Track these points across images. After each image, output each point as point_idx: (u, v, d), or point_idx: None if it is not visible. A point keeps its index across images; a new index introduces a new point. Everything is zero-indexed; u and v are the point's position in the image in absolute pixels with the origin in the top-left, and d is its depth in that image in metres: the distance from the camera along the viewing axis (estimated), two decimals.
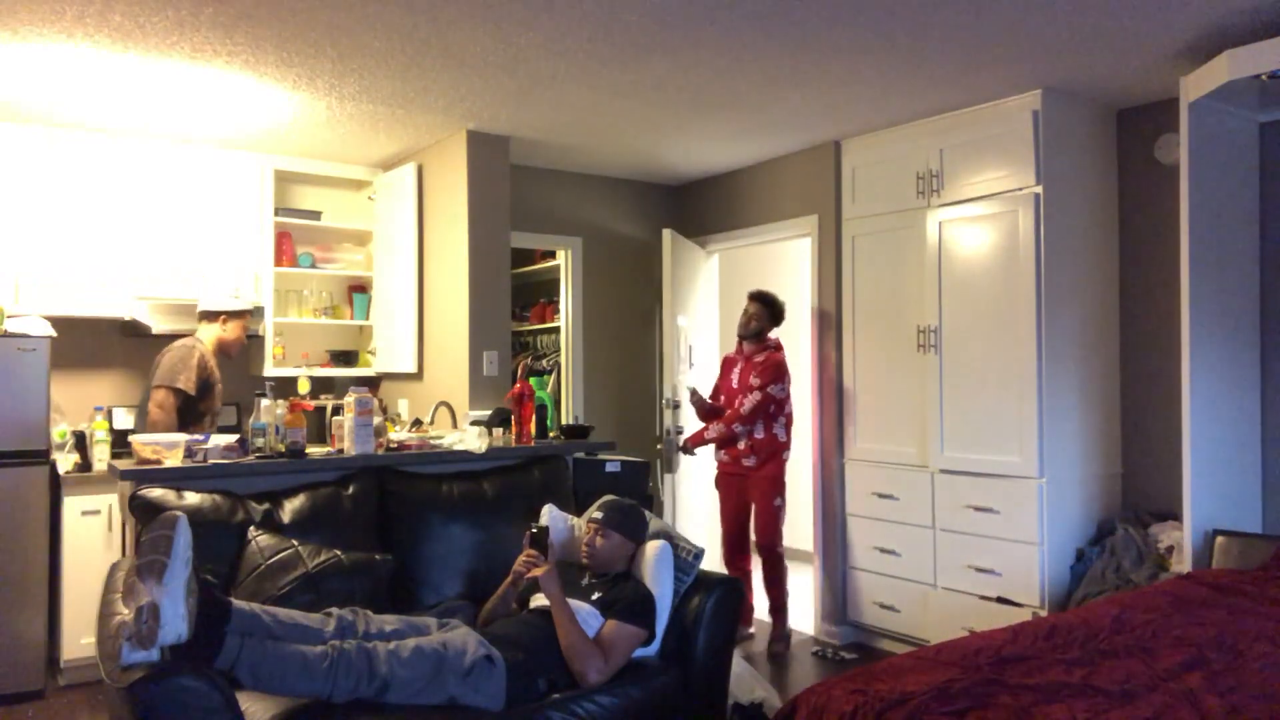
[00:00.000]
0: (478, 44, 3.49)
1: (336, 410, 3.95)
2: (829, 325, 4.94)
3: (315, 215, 5.28)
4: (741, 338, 4.82)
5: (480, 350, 4.65)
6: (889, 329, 4.63)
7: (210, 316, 4.25)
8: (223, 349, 4.27)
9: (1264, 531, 3.84)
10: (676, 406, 5.28)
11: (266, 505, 3.04)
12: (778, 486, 4.71)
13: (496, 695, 2.53)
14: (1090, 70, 3.80)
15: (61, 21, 3.23)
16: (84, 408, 4.72)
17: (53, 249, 4.46)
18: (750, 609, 4.93)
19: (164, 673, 2.11)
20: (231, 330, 4.26)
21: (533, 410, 4.01)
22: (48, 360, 4.12)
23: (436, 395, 4.64)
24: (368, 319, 5.45)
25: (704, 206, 5.88)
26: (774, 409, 4.68)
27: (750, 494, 4.75)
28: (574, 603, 2.82)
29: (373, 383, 5.40)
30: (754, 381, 4.64)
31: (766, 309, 4.79)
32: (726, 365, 4.95)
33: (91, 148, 4.56)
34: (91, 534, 4.18)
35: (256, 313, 4.72)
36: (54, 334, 4.21)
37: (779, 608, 4.72)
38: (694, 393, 4.87)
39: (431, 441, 3.71)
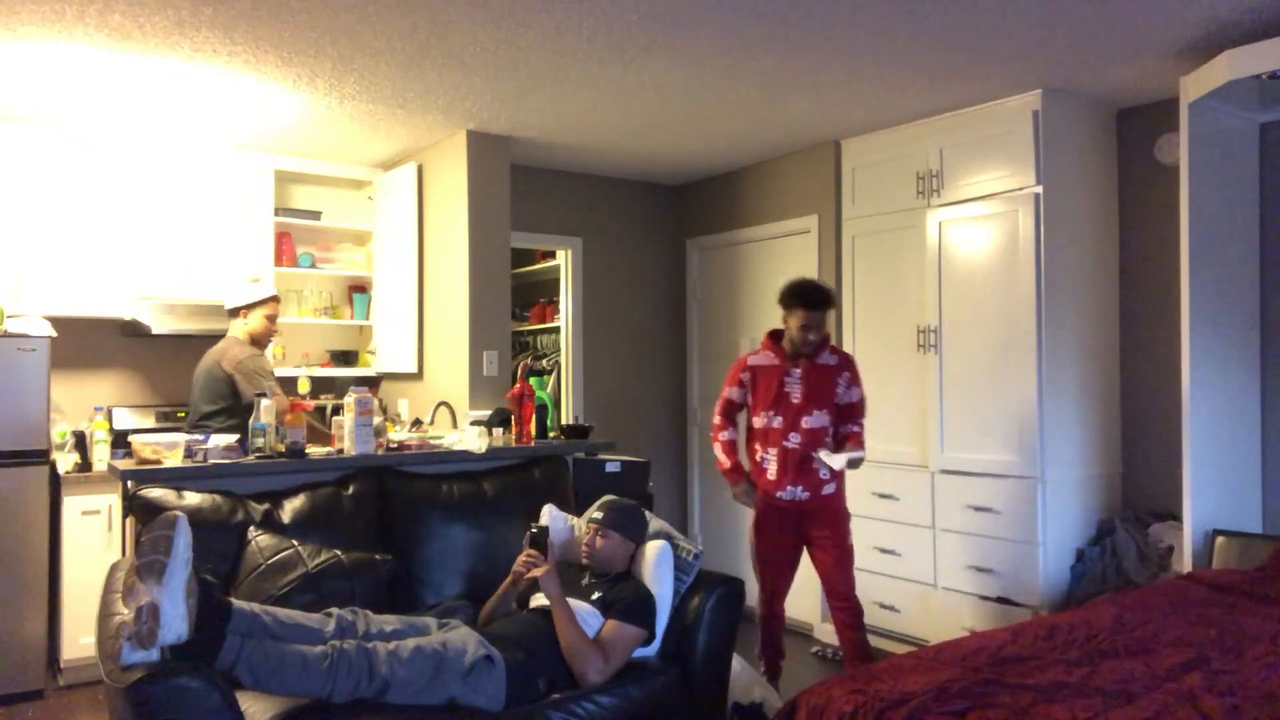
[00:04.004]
0: (478, 44, 3.49)
1: (336, 410, 3.94)
2: (829, 325, 4.93)
3: (315, 215, 5.28)
4: (801, 356, 3.76)
5: (480, 350, 4.65)
6: (889, 329, 4.63)
7: (233, 313, 4.20)
8: (254, 341, 4.18)
9: (1264, 531, 3.84)
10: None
11: (266, 505, 3.04)
12: (848, 518, 3.85)
13: (496, 695, 2.53)
14: (1090, 70, 3.80)
15: (61, 21, 3.23)
16: (84, 408, 4.72)
17: (53, 249, 4.45)
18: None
19: (164, 673, 2.11)
20: (254, 322, 4.17)
21: (533, 410, 4.01)
22: (48, 360, 4.12)
23: (436, 395, 4.64)
24: (368, 319, 5.45)
25: (704, 206, 5.88)
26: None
27: (818, 530, 3.75)
28: (574, 603, 2.82)
29: (373, 383, 5.40)
30: (855, 393, 3.82)
31: (833, 308, 3.84)
32: (762, 377, 3.80)
33: (91, 147, 4.55)
34: (91, 534, 4.18)
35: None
36: (54, 334, 4.21)
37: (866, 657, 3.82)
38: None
39: (431, 441, 3.71)
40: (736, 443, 3.91)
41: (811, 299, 3.70)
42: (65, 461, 4.26)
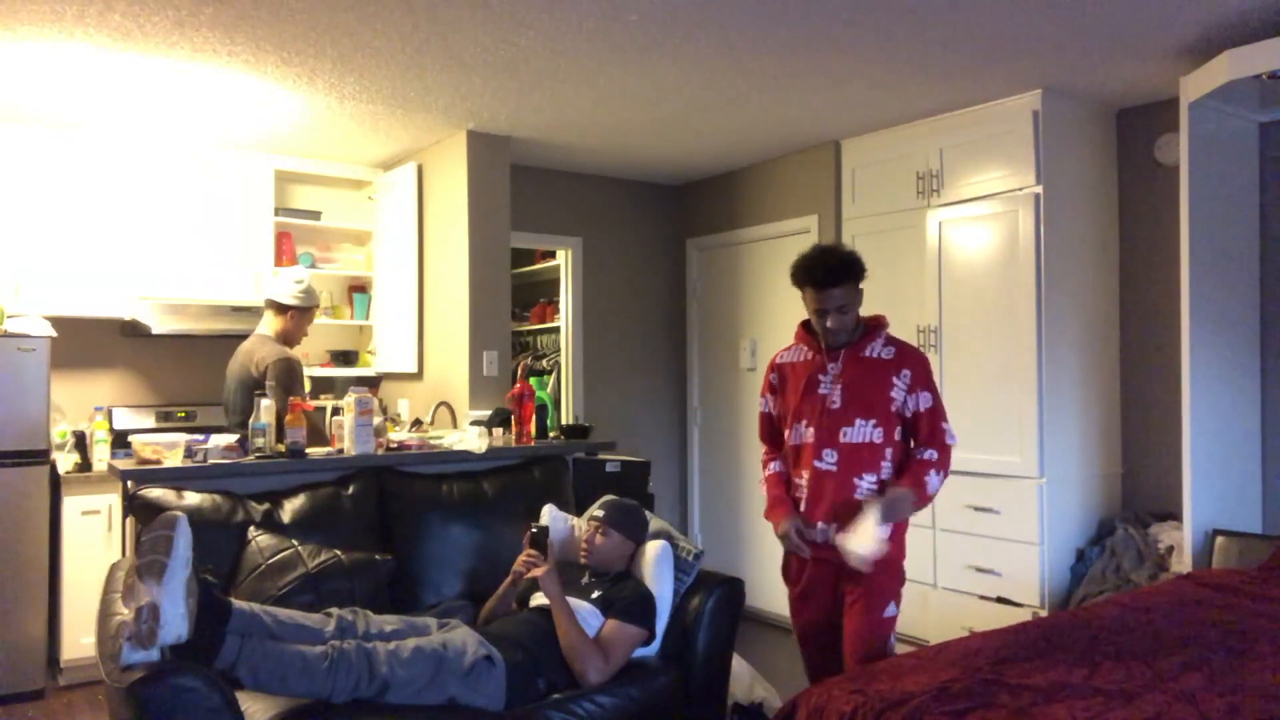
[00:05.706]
0: (478, 44, 3.49)
1: (336, 410, 3.94)
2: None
3: (315, 215, 5.28)
4: (833, 348, 2.81)
5: (480, 350, 4.65)
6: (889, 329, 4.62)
7: (278, 309, 4.05)
8: (285, 339, 4.09)
9: (1264, 531, 3.84)
10: None
11: (266, 505, 3.04)
12: (899, 580, 2.77)
13: (496, 695, 2.53)
14: (1090, 70, 3.80)
15: (61, 21, 3.23)
16: (84, 408, 4.72)
17: (53, 249, 4.45)
18: None
19: (164, 673, 2.12)
20: (295, 324, 4.08)
21: (533, 410, 4.01)
22: (48, 360, 4.12)
23: (436, 395, 4.64)
24: (368, 319, 5.45)
25: (704, 206, 5.88)
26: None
27: (849, 586, 2.72)
28: (574, 602, 2.82)
29: (373, 383, 5.40)
30: (923, 400, 2.76)
31: (856, 281, 2.77)
32: (791, 376, 2.88)
33: (92, 147, 4.55)
34: (91, 534, 4.18)
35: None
36: (54, 334, 4.21)
37: None
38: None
39: (431, 441, 3.71)
40: (785, 475, 2.89)
41: (817, 275, 2.71)
42: (65, 461, 4.26)
